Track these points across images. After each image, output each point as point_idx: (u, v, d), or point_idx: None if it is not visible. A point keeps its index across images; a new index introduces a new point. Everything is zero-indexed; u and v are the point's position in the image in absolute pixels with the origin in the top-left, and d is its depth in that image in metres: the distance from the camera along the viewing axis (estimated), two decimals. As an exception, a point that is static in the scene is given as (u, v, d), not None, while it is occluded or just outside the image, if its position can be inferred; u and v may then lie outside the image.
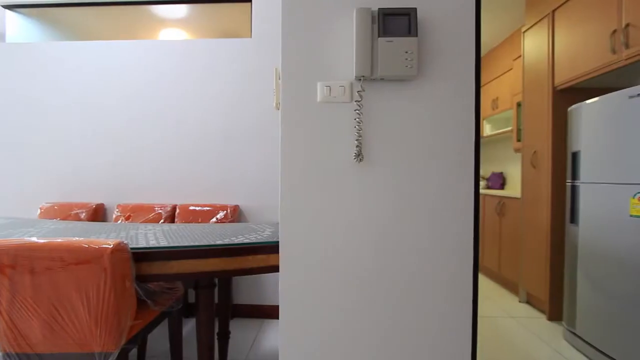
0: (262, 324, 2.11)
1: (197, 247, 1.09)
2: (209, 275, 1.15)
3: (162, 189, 2.20)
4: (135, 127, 2.24)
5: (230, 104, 2.17)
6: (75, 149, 2.28)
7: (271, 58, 2.14)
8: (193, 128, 2.20)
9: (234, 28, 2.57)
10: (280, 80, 1.01)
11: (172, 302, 1.32)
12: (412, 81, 0.96)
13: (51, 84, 2.30)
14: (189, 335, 1.93)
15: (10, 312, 0.95)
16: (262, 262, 1.16)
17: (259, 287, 2.19)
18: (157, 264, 1.08)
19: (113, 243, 0.94)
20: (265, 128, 2.15)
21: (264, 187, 2.15)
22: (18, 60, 2.33)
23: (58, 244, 0.93)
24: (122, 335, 1.01)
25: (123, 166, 2.24)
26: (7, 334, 0.97)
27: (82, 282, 0.94)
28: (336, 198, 0.97)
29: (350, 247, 0.97)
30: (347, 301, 0.97)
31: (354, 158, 0.96)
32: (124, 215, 2.07)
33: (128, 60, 2.25)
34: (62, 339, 0.99)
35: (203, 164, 2.17)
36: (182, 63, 2.21)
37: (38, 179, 2.31)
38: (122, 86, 2.25)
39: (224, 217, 2.00)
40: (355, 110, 0.95)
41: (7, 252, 0.92)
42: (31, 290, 0.94)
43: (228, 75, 2.17)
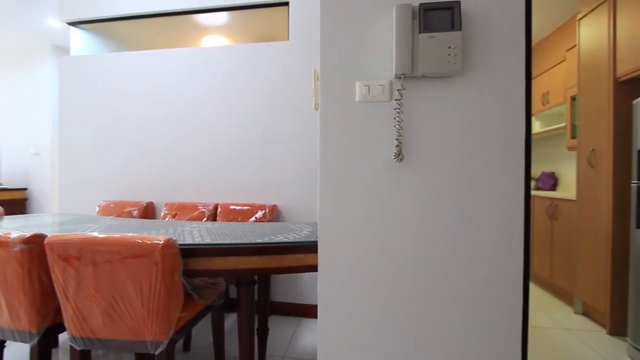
0: (299, 322, 2.14)
1: (239, 245, 1.13)
2: (249, 273, 1.19)
3: (205, 189, 2.31)
4: (180, 131, 2.37)
5: (270, 107, 2.22)
6: (129, 151, 2.46)
7: (309, 60, 2.16)
8: (234, 130, 2.28)
9: (271, 32, 2.64)
10: (319, 81, 1.02)
11: (215, 297, 1.38)
12: (455, 77, 0.93)
13: (107, 92, 2.51)
14: (230, 329, 2.01)
15: (76, 300, 1.05)
16: (300, 261, 1.18)
17: (296, 285, 2.22)
18: (202, 260, 1.13)
19: (163, 239, 1.01)
20: (303, 129, 2.18)
21: (301, 187, 2.18)
22: (80, 71, 2.57)
23: (116, 239, 1.01)
24: (171, 326, 1.07)
25: (170, 167, 2.38)
26: (73, 319, 1.08)
27: (137, 275, 1.01)
28: (376, 198, 0.95)
29: (390, 248, 0.95)
30: (386, 304, 0.95)
31: (394, 158, 0.94)
32: (170, 213, 2.21)
33: (174, 67, 2.39)
34: (119, 327, 1.07)
35: (243, 165, 2.25)
36: (223, 68, 2.31)
37: (97, 179, 2.53)
38: (169, 92, 2.39)
39: (262, 217, 2.06)
40: (395, 109, 0.94)
41: (74, 245, 1.02)
42: (93, 280, 1.03)
43: (267, 77, 2.23)
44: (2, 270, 1.08)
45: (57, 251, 1.03)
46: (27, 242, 1.06)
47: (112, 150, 2.50)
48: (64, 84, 2.60)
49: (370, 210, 0.95)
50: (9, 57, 3.71)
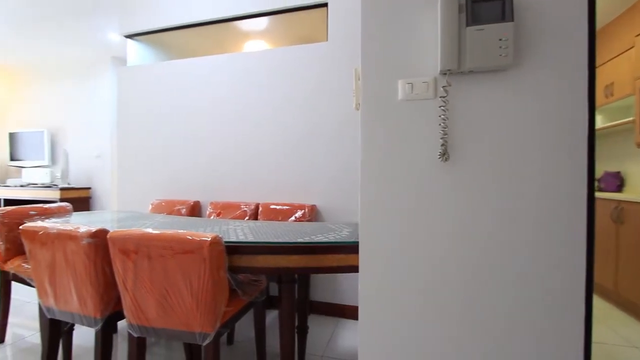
0: (337, 322, 2.14)
1: (281, 244, 1.16)
2: (290, 271, 1.21)
3: (247, 188, 2.39)
4: (224, 133, 2.48)
5: (311, 108, 2.25)
6: (178, 153, 2.63)
7: (349, 59, 2.15)
8: (275, 132, 2.34)
9: (310, 34, 2.66)
10: (360, 80, 1.01)
11: (257, 293, 1.42)
12: (506, 71, 0.87)
13: (159, 98, 2.69)
14: (269, 325, 2.06)
15: (134, 291, 1.14)
16: (340, 261, 1.17)
17: (335, 285, 2.23)
18: (245, 257, 1.18)
19: (211, 236, 1.06)
20: (342, 129, 2.18)
21: (340, 187, 2.18)
22: (135, 80, 2.78)
23: (168, 235, 1.08)
24: (217, 319, 1.12)
25: (215, 168, 2.50)
26: (131, 308, 1.17)
27: (187, 269, 1.07)
28: (419, 199, 0.92)
29: (435, 251, 0.91)
30: (429, 308, 0.92)
31: (439, 157, 0.90)
32: (215, 211, 2.32)
33: (218, 73, 2.51)
34: (170, 317, 1.14)
35: (284, 165, 2.30)
36: (264, 71, 2.38)
37: (151, 179, 2.72)
38: (214, 96, 2.51)
39: (301, 216, 2.09)
40: (440, 107, 0.90)
41: (132, 240, 1.10)
42: (148, 273, 1.11)
43: (307, 79, 2.26)
44: (73, 261, 1.21)
45: (118, 245, 1.12)
46: (93, 236, 1.17)
47: (163, 152, 2.68)
48: (121, 92, 2.84)
49: (413, 211, 0.93)
50: (76, 69, 4.12)
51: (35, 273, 1.32)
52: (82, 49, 3.68)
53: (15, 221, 1.80)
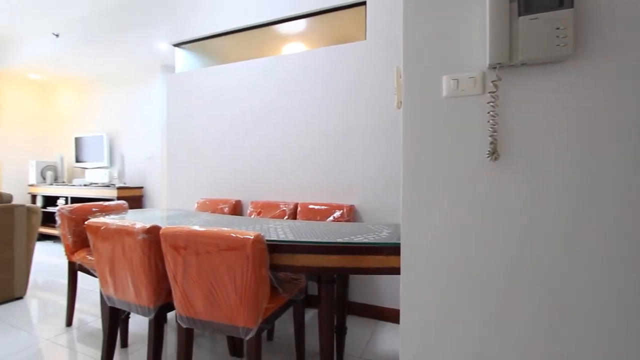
0: (376, 324, 2.11)
1: (321, 244, 1.16)
2: (330, 271, 1.21)
3: (287, 188, 2.44)
4: (264, 135, 2.55)
5: (349, 107, 2.24)
6: (221, 154, 2.75)
7: (388, 57, 2.12)
8: (313, 132, 2.36)
9: (348, 33, 2.65)
10: (402, 78, 0.99)
11: (296, 291, 1.44)
12: (566, 62, 0.80)
13: (204, 102, 2.83)
14: (308, 324, 2.08)
15: (183, 284, 1.21)
16: (381, 262, 1.16)
17: (373, 287, 2.20)
18: (286, 256, 1.20)
19: (254, 235, 1.09)
20: (381, 129, 2.14)
21: (379, 188, 2.15)
22: (182, 85, 2.96)
23: (214, 232, 1.14)
24: (259, 315, 1.16)
25: (256, 169, 2.58)
26: (181, 301, 1.24)
27: (231, 266, 1.12)
28: (466, 200, 0.88)
29: (483, 255, 0.87)
30: (476, 317, 0.87)
31: (487, 156, 0.86)
32: (256, 210, 2.39)
33: (258, 76, 2.59)
34: (216, 311, 1.20)
35: (323, 165, 2.32)
36: (303, 72, 2.41)
37: (196, 179, 2.88)
38: (254, 99, 2.60)
39: (340, 216, 2.08)
40: (489, 103, 0.85)
41: (182, 236, 1.17)
42: (196, 268, 1.18)
43: (346, 78, 2.26)
44: (129, 254, 1.31)
45: (169, 241, 1.20)
46: (147, 232, 1.26)
47: (208, 153, 2.81)
48: (170, 98, 3.03)
49: (459, 213, 0.89)
50: (130, 78, 4.47)
51: (98, 264, 1.45)
52: (136, 59, 3.98)
53: (81, 217, 2.00)
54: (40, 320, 2.17)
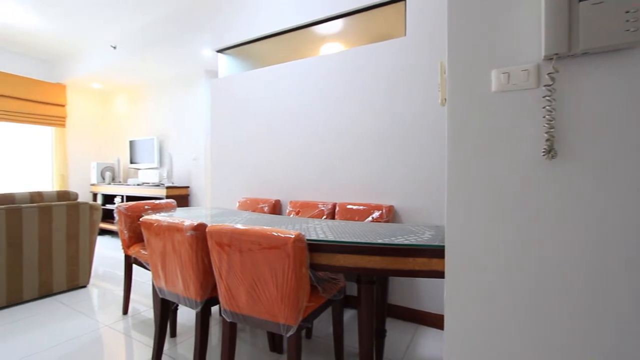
0: (416, 329, 2.05)
1: (361, 244, 1.15)
2: (370, 272, 1.20)
3: (325, 188, 2.46)
4: (303, 135, 2.58)
5: (387, 105, 2.20)
6: (261, 155, 2.83)
7: (429, 53, 2.05)
8: (352, 132, 2.35)
9: (387, 30, 2.61)
10: (446, 73, 0.95)
11: (335, 291, 1.44)
12: (635, 49, 0.72)
13: (245, 105, 2.94)
14: (345, 324, 2.07)
15: (227, 279, 1.27)
16: (423, 265, 1.12)
17: (414, 290, 2.14)
18: (326, 256, 1.20)
19: (294, 234, 1.11)
20: (421, 127, 2.08)
21: (420, 188, 2.08)
22: (225, 89, 3.09)
23: (256, 231, 1.17)
24: (299, 313, 1.17)
25: (295, 169, 2.63)
26: (225, 295, 1.30)
27: (272, 264, 1.14)
28: (517, 200, 0.83)
29: (535, 260, 0.81)
30: (528, 325, 0.81)
31: (543, 155, 0.80)
32: (294, 210, 2.43)
33: (296, 77, 2.63)
34: (258, 307, 1.23)
35: (361, 165, 2.30)
36: (341, 72, 2.41)
37: (238, 179, 2.99)
38: (293, 100, 2.64)
39: (379, 217, 2.05)
40: (545, 97, 0.79)
41: (226, 234, 1.22)
42: (240, 264, 1.22)
43: (385, 76, 2.22)
44: (179, 250, 1.39)
45: (214, 238, 1.26)
46: (195, 229, 1.33)
47: (249, 154, 2.91)
48: (214, 102, 3.17)
49: (510, 215, 0.83)
50: (177, 83, 4.75)
51: (151, 258, 1.56)
52: (182, 66, 4.22)
53: (136, 214, 2.16)
54: (101, 307, 2.38)
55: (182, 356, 1.73)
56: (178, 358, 1.71)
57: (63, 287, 2.63)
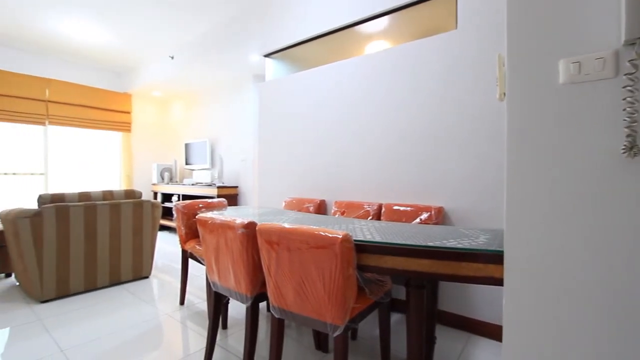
0: (468, 338, 1.94)
1: (410, 247, 1.12)
2: (419, 275, 1.16)
3: (370, 188, 2.43)
4: (348, 135, 2.58)
5: (437, 102, 2.12)
6: (306, 156, 2.88)
7: (483, 45, 1.93)
8: (399, 130, 2.30)
9: (435, 25, 2.51)
10: (505, 66, 0.89)
11: (382, 294, 1.42)
12: None
13: (291, 107, 3.00)
14: (392, 328, 2.03)
15: (276, 277, 1.30)
16: (478, 271, 1.06)
17: (467, 296, 2.03)
18: (373, 257, 1.19)
19: (342, 234, 1.11)
20: (474, 124, 1.97)
21: (472, 189, 1.97)
22: (272, 92, 3.19)
23: (305, 230, 1.19)
24: (346, 313, 1.17)
25: (340, 169, 2.63)
26: (274, 292, 1.34)
27: (320, 263, 1.16)
28: (590, 203, 0.75)
29: (608, 270, 0.72)
30: (596, 340, 0.73)
31: (623, 152, 0.71)
32: (339, 210, 2.43)
33: (341, 77, 2.63)
34: (305, 305, 1.25)
35: (407, 164, 2.23)
36: (387, 70, 2.36)
37: (284, 179, 3.07)
38: (339, 101, 2.65)
39: (427, 219, 1.98)
40: (626, 87, 0.71)
41: (275, 233, 1.26)
42: (288, 263, 1.25)
43: (434, 72, 2.14)
44: (231, 246, 1.46)
45: (264, 236, 1.30)
46: (245, 227, 1.39)
47: (295, 155, 2.98)
48: (261, 104, 3.29)
49: (582, 219, 0.76)
50: (227, 88, 5.01)
51: (205, 253, 1.66)
52: (232, 71, 4.44)
53: (191, 212, 2.31)
54: (160, 297, 2.58)
55: (233, 347, 1.82)
56: (229, 349, 1.80)
57: (129, 277, 2.90)
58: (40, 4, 3.36)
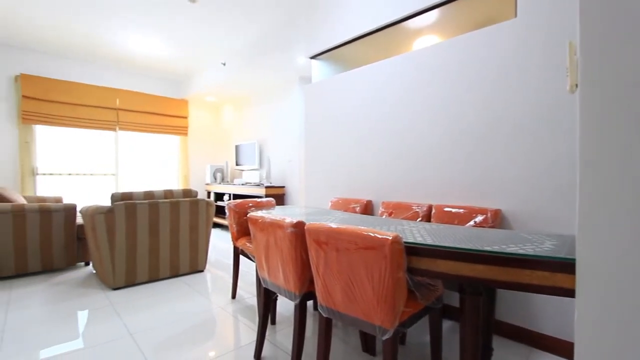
0: (529, 352, 1.79)
1: (466, 251, 1.06)
2: (474, 281, 1.09)
3: (419, 189, 2.34)
4: (396, 133, 2.52)
5: (493, 97, 1.98)
6: (353, 155, 2.87)
7: (546, 34, 1.77)
8: (450, 129, 2.19)
9: (492, 14, 2.35)
10: (578, 54, 0.80)
11: (433, 299, 1.36)
12: None
13: (337, 107, 3.01)
14: (443, 336, 1.94)
15: (324, 276, 1.31)
16: (543, 280, 0.97)
17: (528, 307, 1.87)
18: (425, 260, 1.14)
19: (392, 235, 1.09)
20: (536, 119, 1.81)
21: (534, 189, 1.81)
22: (318, 93, 3.22)
23: (353, 231, 1.19)
24: (396, 317, 1.14)
25: (388, 169, 2.58)
26: (322, 291, 1.35)
27: (369, 264, 1.14)
28: (690, 209, 0.65)
29: None
30: None
31: None
32: (387, 211, 2.38)
33: (388, 76, 2.57)
34: (353, 306, 1.25)
35: (461, 164, 2.12)
36: (436, 65, 2.27)
37: (330, 179, 3.09)
38: (386, 99, 2.60)
39: (482, 222, 1.86)
40: None
41: (323, 233, 1.27)
42: (336, 263, 1.25)
43: (490, 65, 2.00)
44: (280, 245, 1.50)
45: (312, 236, 1.32)
46: (294, 226, 1.42)
47: (341, 155, 2.98)
48: (308, 106, 3.34)
49: (678, 226, 0.66)
50: (274, 91, 5.17)
51: (256, 251, 1.72)
52: (279, 74, 4.57)
53: (242, 210, 2.42)
54: (214, 290, 2.74)
55: (281, 343, 1.87)
56: (277, 344, 1.86)
57: (186, 270, 3.12)
58: (113, 25, 3.75)
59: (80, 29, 3.93)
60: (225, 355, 1.74)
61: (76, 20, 3.71)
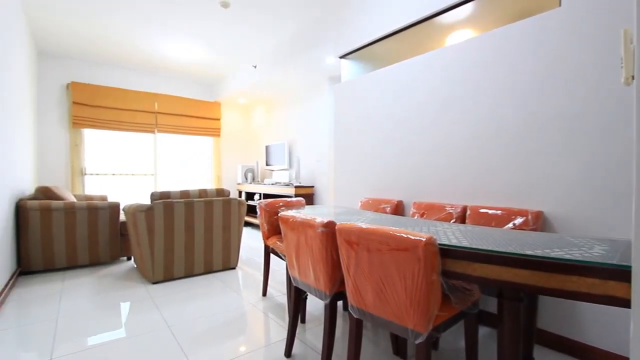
0: (575, 364, 1.67)
1: (505, 254, 1.01)
2: (515, 287, 1.04)
3: (453, 189, 2.26)
4: (427, 132, 2.45)
5: (535, 92, 1.87)
6: (383, 155, 2.82)
7: (595, 23, 1.64)
8: (487, 126, 2.10)
9: (532, 5, 2.22)
10: (635, 43, 0.74)
11: (469, 304, 1.31)
12: None
13: (367, 106, 2.98)
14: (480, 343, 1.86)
15: (355, 276, 1.30)
16: (593, 287, 0.90)
17: (574, 316, 1.75)
18: (461, 263, 1.10)
19: (425, 237, 1.06)
20: (583, 115, 1.69)
21: (582, 190, 1.69)
22: (348, 93, 3.21)
23: (385, 231, 1.17)
24: (430, 321, 1.11)
25: (420, 168, 2.52)
26: (352, 291, 1.34)
27: (401, 266, 1.12)
28: None
29: None
30: None
31: None
32: (418, 212, 2.32)
33: (420, 72, 2.50)
34: (384, 307, 1.23)
35: (499, 163, 2.03)
36: (471, 62, 2.18)
37: (360, 179, 3.07)
38: (417, 97, 2.53)
39: (522, 224, 1.76)
40: None
41: (355, 233, 1.26)
42: (367, 263, 1.24)
43: (532, 57, 1.89)
44: (311, 244, 1.51)
45: (343, 236, 1.31)
46: (325, 226, 1.42)
47: (371, 155, 2.95)
48: (337, 106, 3.34)
49: None
50: (304, 92, 5.21)
51: (287, 250, 1.75)
52: (308, 75, 4.60)
53: (273, 210, 2.46)
54: (245, 287, 2.81)
55: (310, 342, 1.88)
56: (307, 343, 1.87)
57: (219, 267, 3.22)
58: (152, 33, 3.96)
59: (123, 39, 4.19)
60: (257, 352, 1.78)
61: (119, 32, 3.96)
